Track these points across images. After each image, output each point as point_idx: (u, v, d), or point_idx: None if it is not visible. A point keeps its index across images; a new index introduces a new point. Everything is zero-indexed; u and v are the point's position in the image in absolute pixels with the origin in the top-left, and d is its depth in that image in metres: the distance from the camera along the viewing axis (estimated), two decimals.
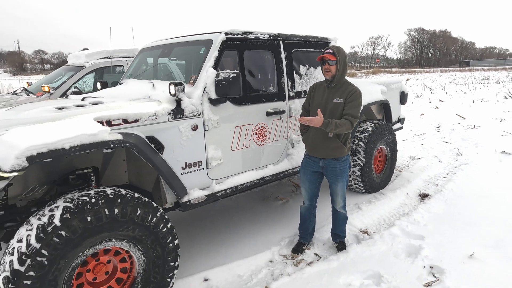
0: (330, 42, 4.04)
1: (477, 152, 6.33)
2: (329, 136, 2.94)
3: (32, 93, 5.04)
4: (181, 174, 2.80)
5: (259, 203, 4.32)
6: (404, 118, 5.63)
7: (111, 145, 2.18)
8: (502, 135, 7.61)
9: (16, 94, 5.16)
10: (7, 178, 2.08)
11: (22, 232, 1.95)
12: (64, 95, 4.81)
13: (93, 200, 2.07)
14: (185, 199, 2.79)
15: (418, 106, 13.14)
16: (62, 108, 2.60)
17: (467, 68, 63.48)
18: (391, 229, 3.51)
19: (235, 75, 2.76)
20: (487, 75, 38.79)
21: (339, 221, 3.25)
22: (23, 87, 5.68)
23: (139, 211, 2.22)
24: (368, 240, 3.33)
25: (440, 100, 14.85)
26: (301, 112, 3.23)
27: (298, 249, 3.25)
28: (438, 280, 2.71)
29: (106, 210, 2.09)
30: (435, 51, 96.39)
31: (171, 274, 2.48)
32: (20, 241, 1.90)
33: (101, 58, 5.37)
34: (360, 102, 2.92)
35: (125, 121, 2.48)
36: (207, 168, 2.98)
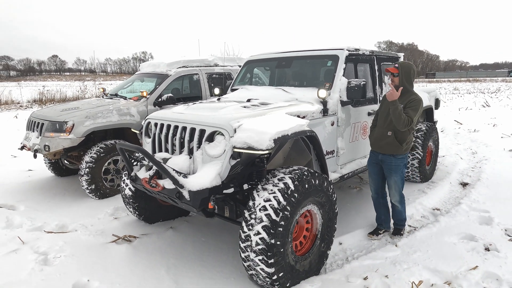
0: (400, 57, 4.97)
1: (489, 151, 7.48)
2: (388, 135, 3.48)
3: (126, 97, 5.62)
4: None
5: (339, 191, 5.12)
6: (437, 121, 6.65)
7: (308, 134, 2.94)
8: (501, 137, 8.90)
9: (111, 98, 5.69)
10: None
11: (264, 195, 2.64)
12: (158, 99, 5.42)
13: (305, 173, 2.81)
14: (329, 179, 3.55)
15: None
16: (244, 107, 3.31)
17: (434, 79, 67.74)
18: (461, 206, 4.43)
19: (364, 82, 3.58)
20: (454, 86, 41.83)
21: (395, 211, 3.72)
22: (103, 92, 6.23)
23: (325, 183, 2.98)
24: (449, 213, 4.23)
25: None
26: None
27: (374, 233, 3.80)
28: None
29: (313, 180, 2.83)
30: None
31: (334, 234, 3.23)
32: (268, 200, 2.59)
33: (179, 67, 6.02)
34: (417, 108, 3.35)
35: (298, 116, 3.23)
36: (336, 155, 3.77)
